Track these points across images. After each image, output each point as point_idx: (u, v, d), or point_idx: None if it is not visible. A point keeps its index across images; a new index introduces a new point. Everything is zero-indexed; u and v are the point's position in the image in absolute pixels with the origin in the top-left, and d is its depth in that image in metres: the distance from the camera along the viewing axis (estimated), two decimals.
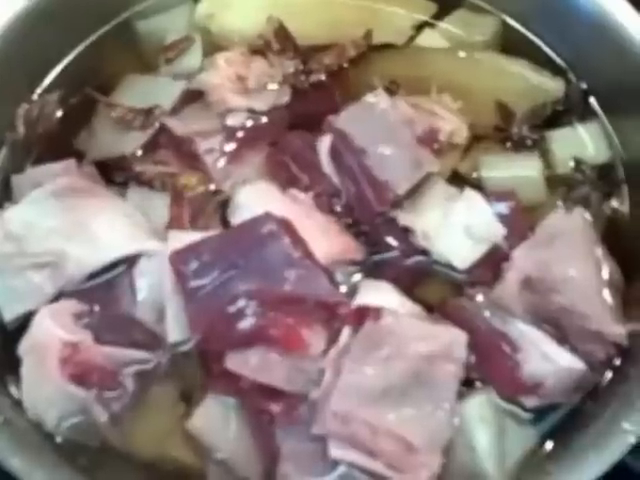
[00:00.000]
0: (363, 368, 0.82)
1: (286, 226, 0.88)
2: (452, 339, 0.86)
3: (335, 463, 0.82)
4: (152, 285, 0.91)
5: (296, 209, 0.95)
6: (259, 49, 1.08)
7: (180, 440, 0.87)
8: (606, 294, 0.89)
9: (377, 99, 1.00)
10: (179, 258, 0.87)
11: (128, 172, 1.00)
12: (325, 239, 0.93)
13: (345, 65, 1.09)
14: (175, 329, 0.88)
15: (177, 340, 0.88)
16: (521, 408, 0.87)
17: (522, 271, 0.89)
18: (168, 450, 0.87)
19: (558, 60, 1.09)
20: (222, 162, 1.01)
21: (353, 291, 0.91)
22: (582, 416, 0.86)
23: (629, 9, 1.00)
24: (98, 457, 0.86)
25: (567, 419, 0.87)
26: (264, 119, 1.04)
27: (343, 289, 0.92)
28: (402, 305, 0.89)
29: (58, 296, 0.91)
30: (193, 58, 1.10)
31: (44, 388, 0.85)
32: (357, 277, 0.94)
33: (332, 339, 0.86)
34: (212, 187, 1.00)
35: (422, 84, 1.05)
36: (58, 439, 0.86)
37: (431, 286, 0.95)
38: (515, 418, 0.87)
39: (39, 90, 1.08)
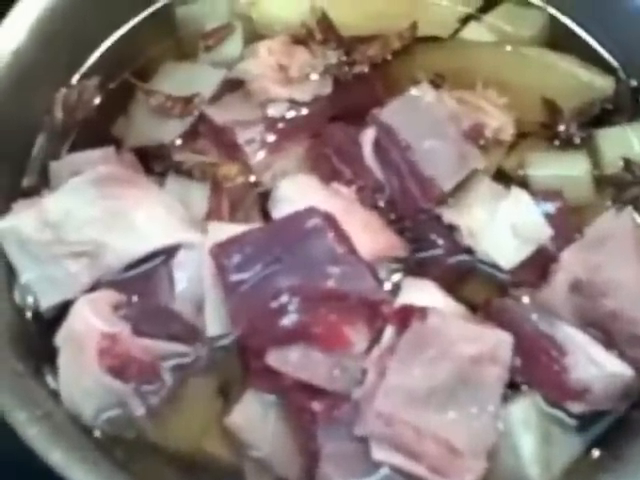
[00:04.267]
0: (409, 369, 0.80)
1: (331, 221, 0.86)
2: (498, 341, 0.83)
3: (377, 465, 0.80)
4: (191, 277, 0.90)
5: (338, 203, 0.93)
6: (301, 39, 1.06)
7: (217, 436, 0.86)
8: None
9: (422, 92, 0.98)
10: (221, 251, 0.85)
11: (167, 161, 0.99)
12: (367, 235, 0.91)
13: (389, 57, 1.07)
14: (214, 323, 0.87)
15: (216, 334, 0.87)
16: (567, 414, 0.85)
17: (571, 273, 0.87)
18: (204, 445, 0.86)
19: (608, 57, 1.07)
20: (262, 153, 0.99)
21: (396, 289, 0.89)
22: (631, 425, 0.84)
23: None
24: (134, 450, 0.85)
25: (615, 428, 0.85)
26: (305, 110, 1.02)
27: (386, 287, 0.90)
28: (446, 305, 0.88)
29: (95, 286, 0.90)
30: (233, 46, 1.08)
31: (82, 379, 0.84)
32: (399, 275, 0.92)
33: (375, 338, 0.84)
34: (252, 178, 0.98)
35: (467, 78, 1.03)
36: (96, 432, 0.84)
37: (475, 286, 0.93)
38: (560, 424, 0.85)
39: (77, 75, 1.07)
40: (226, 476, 0.85)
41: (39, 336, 0.89)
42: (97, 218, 0.90)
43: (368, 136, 0.96)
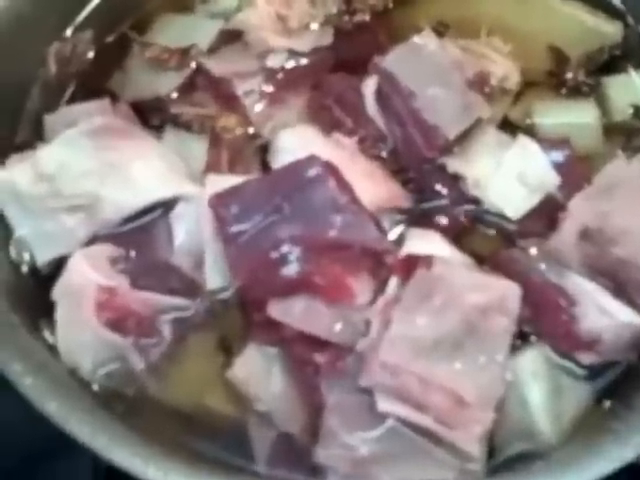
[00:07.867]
0: (414, 318, 0.78)
1: (332, 169, 0.84)
2: (506, 291, 0.81)
3: (382, 417, 0.78)
4: (189, 230, 0.88)
5: (340, 154, 0.90)
6: None
7: (219, 390, 0.84)
8: None
9: (425, 40, 0.95)
10: (220, 202, 0.83)
11: (164, 114, 0.97)
12: (370, 185, 0.89)
13: (390, 5, 1.04)
14: (214, 276, 0.85)
15: (216, 287, 0.85)
16: (576, 365, 0.83)
17: (580, 221, 0.85)
18: (206, 400, 0.84)
19: (615, 1, 1.04)
20: (261, 104, 0.97)
21: (400, 240, 0.87)
22: None
23: None
24: (134, 405, 0.83)
25: (624, 377, 0.83)
26: (305, 60, 0.99)
27: (391, 237, 0.88)
28: (452, 255, 0.85)
29: (92, 240, 0.88)
30: None
31: (80, 334, 0.82)
32: (403, 226, 0.90)
33: (379, 289, 0.82)
34: (251, 130, 0.96)
35: (471, 26, 1.01)
36: (94, 386, 0.83)
37: (482, 237, 0.91)
38: (570, 375, 0.83)
39: (72, 28, 1.04)
40: (229, 431, 0.83)
41: (36, 291, 0.88)
42: (93, 170, 0.88)
43: (370, 85, 0.94)
